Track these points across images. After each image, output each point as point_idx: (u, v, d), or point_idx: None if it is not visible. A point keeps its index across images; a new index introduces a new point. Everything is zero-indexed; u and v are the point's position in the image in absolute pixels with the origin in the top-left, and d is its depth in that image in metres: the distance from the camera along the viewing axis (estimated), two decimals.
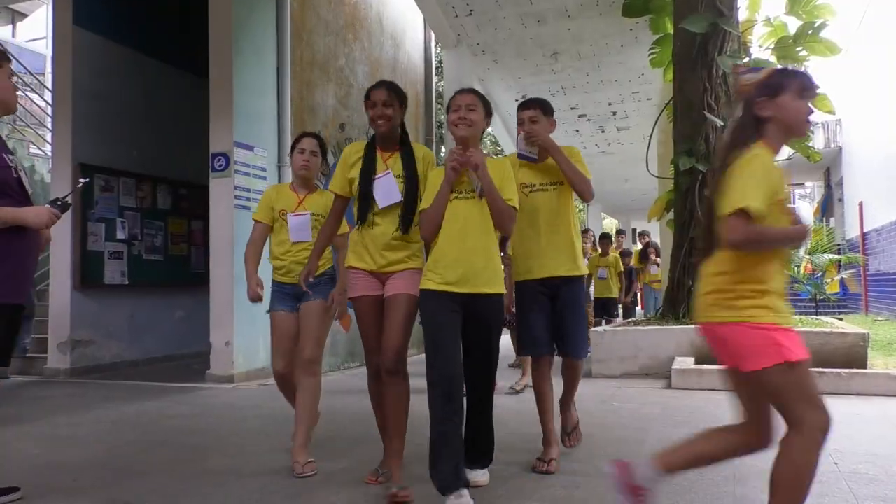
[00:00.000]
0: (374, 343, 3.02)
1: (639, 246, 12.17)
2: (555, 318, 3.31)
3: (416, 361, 3.04)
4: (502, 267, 2.94)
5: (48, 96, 10.35)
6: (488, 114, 2.95)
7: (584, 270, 3.40)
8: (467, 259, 2.75)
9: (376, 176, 2.99)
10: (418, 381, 2.85)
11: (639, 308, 11.20)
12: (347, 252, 3.12)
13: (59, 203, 2.93)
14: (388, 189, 2.96)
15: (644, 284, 11.05)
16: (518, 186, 3.08)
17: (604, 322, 8.69)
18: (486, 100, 2.96)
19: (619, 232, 11.90)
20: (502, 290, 2.87)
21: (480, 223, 2.79)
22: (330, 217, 3.20)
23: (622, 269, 9.38)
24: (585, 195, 3.29)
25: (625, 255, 10.10)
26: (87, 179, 7.13)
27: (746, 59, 7.58)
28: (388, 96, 3.01)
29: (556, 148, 3.27)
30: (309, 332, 3.42)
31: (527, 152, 3.31)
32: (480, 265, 2.77)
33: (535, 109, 3.33)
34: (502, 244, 3.31)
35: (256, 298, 3.50)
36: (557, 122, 3.47)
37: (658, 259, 10.89)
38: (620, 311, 9.96)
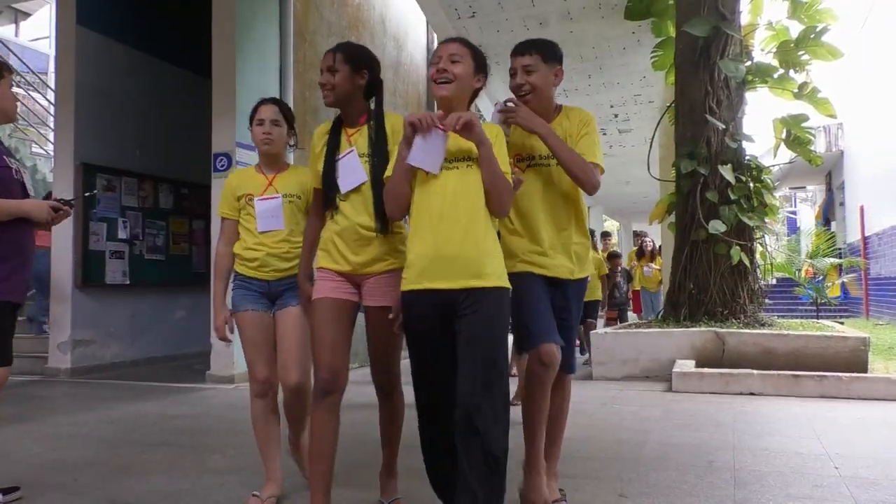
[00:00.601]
0: (328, 357, 2.43)
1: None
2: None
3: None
4: (502, 256, 2.32)
5: (51, 96, 10.38)
6: (480, 69, 2.33)
7: (589, 270, 2.69)
8: (450, 243, 2.17)
9: (339, 156, 2.52)
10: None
11: (631, 313, 10.94)
12: (318, 250, 2.62)
13: (63, 201, 2.95)
14: (350, 169, 2.49)
15: (641, 287, 10.89)
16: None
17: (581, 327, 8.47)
18: (477, 50, 2.34)
19: (605, 234, 11.70)
20: (502, 282, 2.23)
21: (472, 199, 2.21)
22: (311, 216, 2.72)
23: (606, 271, 9.14)
24: (585, 186, 2.51)
25: (613, 257, 9.74)
26: (96, 191, 7.19)
27: (748, 63, 7.59)
28: (333, 61, 2.51)
29: (543, 127, 2.47)
30: (291, 350, 2.80)
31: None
32: (468, 251, 2.17)
33: (532, 55, 2.54)
34: None
35: (224, 339, 2.90)
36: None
37: (653, 262, 10.76)
38: (612, 315, 9.64)
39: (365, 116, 2.57)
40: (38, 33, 17.18)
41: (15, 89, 2.97)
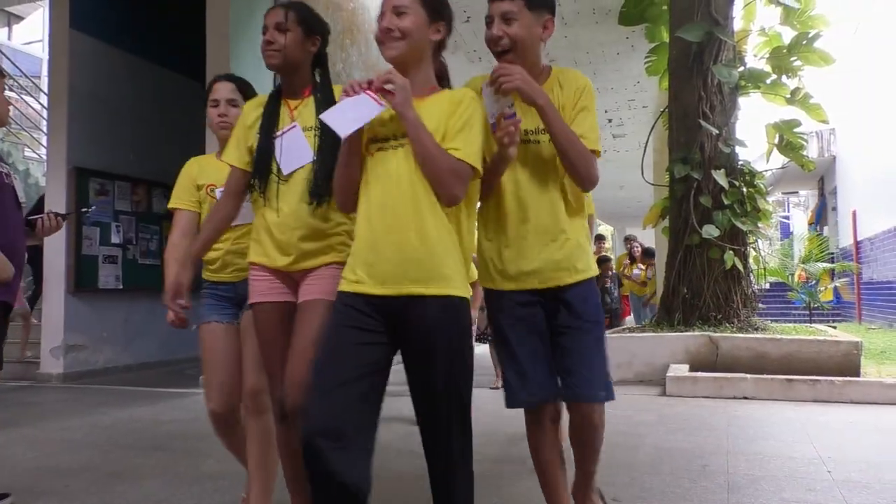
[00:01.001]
0: (281, 369, 2.17)
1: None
2: (554, 342, 2.10)
3: None
4: (461, 256, 1.89)
5: (44, 99, 10.35)
6: (437, 15, 1.95)
7: (594, 269, 2.16)
8: (389, 239, 1.81)
9: (278, 132, 2.18)
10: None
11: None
12: (250, 242, 2.27)
13: (57, 214, 2.97)
14: (294, 147, 2.15)
15: (630, 292, 10.85)
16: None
17: None
18: None
19: (599, 238, 11.69)
20: (458, 290, 1.84)
21: (420, 184, 1.82)
22: (222, 198, 2.31)
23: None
24: (583, 180, 2.04)
25: (602, 261, 9.56)
26: (94, 207, 7.18)
27: (741, 69, 7.63)
28: (285, 18, 2.15)
29: (543, 96, 1.96)
30: (251, 353, 2.41)
31: (499, 109, 1.95)
32: (412, 251, 1.79)
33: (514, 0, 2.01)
34: None
35: (177, 323, 2.44)
36: None
37: (641, 264, 10.72)
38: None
39: (310, 88, 2.25)
40: (31, 37, 17.14)
41: (7, 93, 2.95)
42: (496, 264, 2.09)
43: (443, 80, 2.05)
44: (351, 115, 1.81)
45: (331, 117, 1.83)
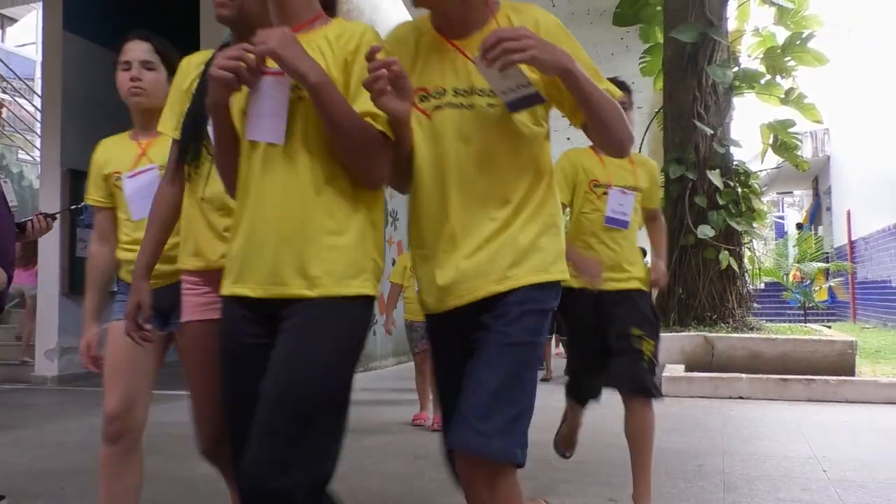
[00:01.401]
0: (213, 399, 1.78)
1: None
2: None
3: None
4: (371, 241, 1.45)
5: (37, 101, 10.31)
6: None
7: (545, 275, 1.45)
8: (265, 225, 1.40)
9: None
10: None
11: None
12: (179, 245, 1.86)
13: (46, 215, 2.96)
14: None
15: None
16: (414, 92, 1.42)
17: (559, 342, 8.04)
18: None
19: None
20: (348, 288, 1.38)
21: (304, 150, 1.39)
22: (164, 183, 1.84)
23: None
24: (625, 144, 1.50)
25: None
26: (84, 204, 7.17)
27: (735, 69, 7.65)
28: None
29: (569, 60, 1.36)
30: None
31: (508, 87, 1.37)
32: (286, 237, 1.38)
33: None
34: None
35: (91, 367, 2.18)
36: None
37: None
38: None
39: None
40: (24, 39, 17.10)
41: (1, 95, 2.94)
42: (419, 282, 1.55)
43: (330, 13, 1.62)
44: (271, 112, 1.39)
45: (258, 131, 1.40)
